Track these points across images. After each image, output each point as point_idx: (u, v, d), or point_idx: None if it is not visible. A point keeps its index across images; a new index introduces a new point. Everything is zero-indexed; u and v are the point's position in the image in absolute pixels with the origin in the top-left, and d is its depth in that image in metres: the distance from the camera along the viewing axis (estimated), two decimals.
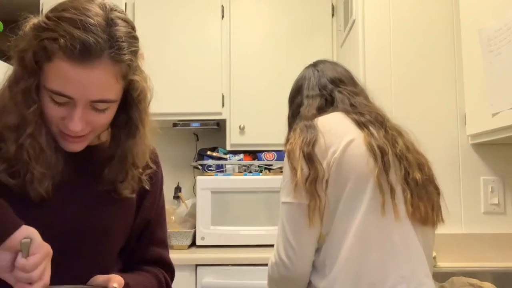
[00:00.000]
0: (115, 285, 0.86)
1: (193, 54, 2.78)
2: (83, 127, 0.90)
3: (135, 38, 0.95)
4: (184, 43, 2.78)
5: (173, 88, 2.74)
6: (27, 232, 0.80)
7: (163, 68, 2.74)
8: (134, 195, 1.04)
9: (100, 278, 0.90)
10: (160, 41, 2.77)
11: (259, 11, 2.85)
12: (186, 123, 2.81)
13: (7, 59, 0.98)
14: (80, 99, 0.88)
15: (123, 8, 2.72)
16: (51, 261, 0.90)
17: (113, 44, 0.87)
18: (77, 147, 0.96)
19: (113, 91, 0.91)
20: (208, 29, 2.80)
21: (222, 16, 2.82)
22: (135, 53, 0.93)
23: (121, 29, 0.90)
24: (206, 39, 2.79)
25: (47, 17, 0.88)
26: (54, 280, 0.84)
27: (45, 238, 0.90)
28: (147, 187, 1.07)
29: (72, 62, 0.84)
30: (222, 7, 2.82)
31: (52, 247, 0.93)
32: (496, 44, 1.67)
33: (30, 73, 0.88)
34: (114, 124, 1.00)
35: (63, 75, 0.85)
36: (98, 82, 0.87)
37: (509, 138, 1.79)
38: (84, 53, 0.84)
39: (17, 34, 0.92)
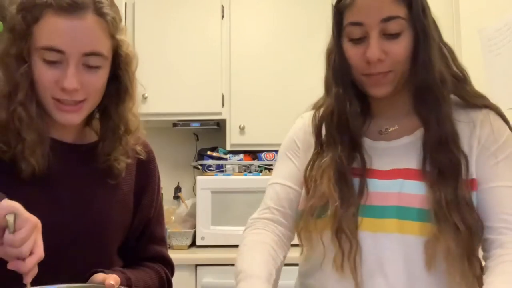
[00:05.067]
0: (111, 281, 0.86)
1: (193, 54, 2.77)
2: (77, 86, 0.91)
3: (116, 6, 1.00)
4: (184, 43, 2.78)
5: (173, 88, 2.74)
6: (10, 207, 0.78)
7: (163, 68, 2.74)
8: (129, 160, 1.05)
9: (99, 277, 0.90)
10: (160, 41, 2.76)
11: (259, 11, 2.85)
12: (186, 123, 2.81)
13: None
14: (72, 52, 0.90)
15: (123, 8, 2.72)
16: (49, 259, 0.90)
17: (95, 1, 0.93)
18: (73, 117, 0.96)
19: (103, 44, 0.94)
20: (208, 29, 2.80)
21: (222, 16, 2.82)
22: (118, 15, 0.98)
23: None
24: (206, 39, 2.79)
25: None
26: (50, 278, 0.84)
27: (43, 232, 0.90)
28: (142, 156, 1.08)
29: (61, 15, 0.90)
30: (222, 7, 2.82)
31: (48, 242, 0.93)
32: (496, 44, 1.67)
33: (21, 36, 0.92)
34: (105, 95, 1.01)
35: (53, 28, 0.90)
36: (88, 32, 0.92)
37: None
38: (71, 5, 0.90)
39: None
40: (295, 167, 1.08)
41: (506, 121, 1.00)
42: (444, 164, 0.93)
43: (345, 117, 0.99)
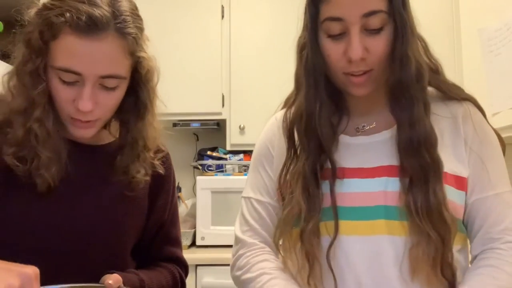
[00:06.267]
0: (110, 281, 0.86)
1: (193, 54, 2.78)
2: (93, 107, 0.90)
3: (139, 16, 0.97)
4: (184, 43, 2.78)
5: (173, 88, 2.71)
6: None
7: (163, 68, 2.71)
8: (147, 178, 1.03)
9: (103, 278, 0.90)
10: (160, 41, 2.75)
11: (259, 11, 2.85)
12: (186, 123, 2.81)
13: (7, 59, 0.98)
14: (89, 74, 0.87)
15: None
16: (62, 262, 0.92)
17: (118, 17, 0.89)
18: (87, 132, 0.96)
19: (122, 66, 0.92)
20: (208, 29, 2.80)
21: (222, 16, 2.82)
22: (140, 30, 0.95)
23: (125, 4, 0.93)
24: (206, 39, 2.79)
25: None
26: (63, 280, 0.84)
27: (54, 235, 0.90)
28: (161, 171, 1.06)
29: (79, 35, 0.85)
30: (222, 7, 2.82)
31: (61, 244, 0.93)
32: (496, 44, 1.67)
33: (37, 53, 0.89)
34: (123, 109, 0.99)
35: (70, 49, 0.86)
36: (106, 55, 0.88)
37: (509, 138, 1.79)
38: (90, 26, 0.85)
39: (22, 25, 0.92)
40: (269, 177, 1.04)
41: (483, 113, 0.99)
42: (415, 170, 0.87)
43: (314, 121, 0.93)
